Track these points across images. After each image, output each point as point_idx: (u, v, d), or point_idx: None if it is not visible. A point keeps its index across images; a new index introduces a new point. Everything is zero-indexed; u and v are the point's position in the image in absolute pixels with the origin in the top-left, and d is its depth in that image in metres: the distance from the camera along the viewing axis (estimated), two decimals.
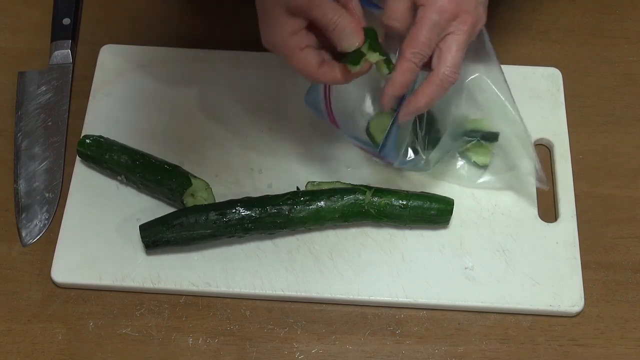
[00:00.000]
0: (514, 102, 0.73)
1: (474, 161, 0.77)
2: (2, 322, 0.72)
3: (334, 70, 0.65)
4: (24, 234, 0.76)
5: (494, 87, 0.73)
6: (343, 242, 0.75)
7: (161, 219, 0.72)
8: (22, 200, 0.78)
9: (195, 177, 0.75)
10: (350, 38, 0.63)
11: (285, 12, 0.63)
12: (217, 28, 0.89)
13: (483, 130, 0.76)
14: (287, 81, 0.84)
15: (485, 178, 0.77)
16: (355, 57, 0.63)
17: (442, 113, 0.76)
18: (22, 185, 0.78)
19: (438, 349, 0.71)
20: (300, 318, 0.72)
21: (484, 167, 0.77)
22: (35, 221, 0.77)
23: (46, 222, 0.77)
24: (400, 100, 0.67)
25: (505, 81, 0.73)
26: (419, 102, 0.65)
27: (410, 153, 0.74)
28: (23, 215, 0.77)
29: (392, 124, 0.69)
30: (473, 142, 0.76)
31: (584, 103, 0.84)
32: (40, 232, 0.76)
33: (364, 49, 0.63)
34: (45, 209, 0.77)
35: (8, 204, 0.78)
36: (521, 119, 0.73)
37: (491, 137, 0.76)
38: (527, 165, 0.75)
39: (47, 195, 0.78)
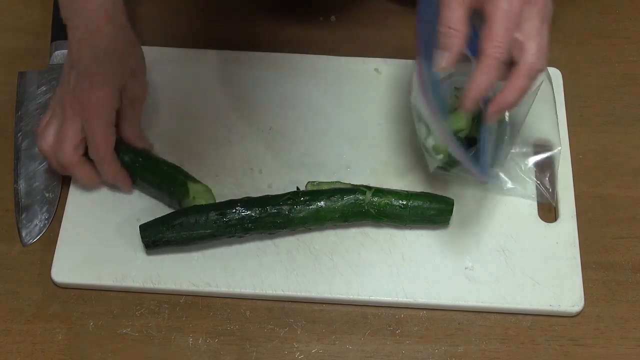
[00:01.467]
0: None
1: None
2: (2, 322, 0.72)
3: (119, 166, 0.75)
4: (24, 234, 0.76)
5: (552, 91, 0.75)
6: (343, 242, 0.75)
7: (161, 219, 0.72)
8: (22, 200, 0.78)
9: (194, 181, 0.75)
10: (142, 139, 0.77)
11: (120, 91, 0.72)
12: (217, 28, 0.89)
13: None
14: (287, 81, 0.84)
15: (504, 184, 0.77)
16: None
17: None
18: (22, 185, 0.78)
19: (438, 349, 0.71)
20: (300, 318, 0.72)
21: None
22: (35, 221, 0.77)
23: (46, 222, 0.77)
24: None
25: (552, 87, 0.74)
26: (508, 97, 0.62)
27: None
28: (23, 215, 0.77)
29: (482, 133, 0.65)
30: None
31: (584, 103, 0.84)
32: (40, 232, 0.76)
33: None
34: (45, 209, 0.77)
35: (8, 204, 0.78)
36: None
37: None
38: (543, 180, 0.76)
39: (47, 195, 0.78)
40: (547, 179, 0.77)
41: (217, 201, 0.74)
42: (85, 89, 0.70)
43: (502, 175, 0.76)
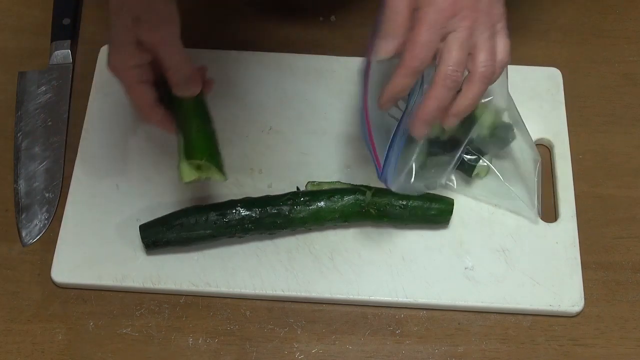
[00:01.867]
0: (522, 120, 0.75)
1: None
2: (2, 322, 0.72)
3: (163, 115, 0.69)
4: (24, 234, 0.76)
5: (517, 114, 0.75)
6: (343, 242, 0.75)
7: (161, 220, 0.72)
8: (22, 200, 0.78)
9: (193, 157, 0.70)
10: (187, 84, 0.67)
11: (134, 44, 0.65)
12: (217, 28, 0.89)
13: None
14: (287, 81, 0.84)
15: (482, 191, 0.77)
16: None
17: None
18: (22, 185, 0.78)
19: (438, 349, 0.71)
20: (300, 318, 0.72)
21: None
22: (35, 221, 0.77)
23: (46, 222, 0.77)
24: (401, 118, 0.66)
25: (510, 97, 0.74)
26: (429, 107, 0.62)
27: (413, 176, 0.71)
28: (23, 215, 0.77)
29: (392, 141, 0.65)
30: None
31: (584, 103, 0.84)
32: (40, 232, 0.76)
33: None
34: (45, 209, 0.77)
35: (8, 204, 0.78)
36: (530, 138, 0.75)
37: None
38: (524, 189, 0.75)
39: (47, 195, 0.78)
40: (533, 192, 0.76)
41: (217, 201, 0.74)
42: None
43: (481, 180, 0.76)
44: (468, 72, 0.63)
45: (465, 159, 0.75)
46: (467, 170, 0.76)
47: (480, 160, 0.75)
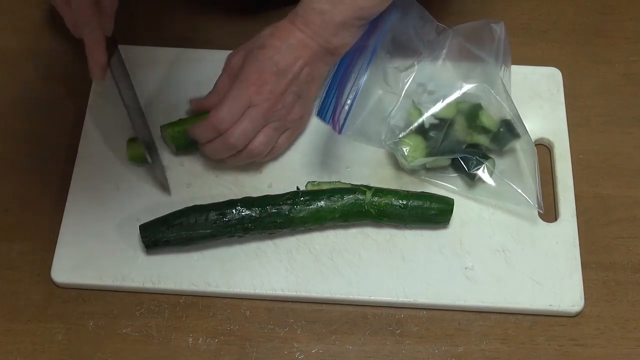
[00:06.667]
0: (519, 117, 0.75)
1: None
2: (2, 322, 0.72)
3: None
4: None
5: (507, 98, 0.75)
6: (343, 242, 0.75)
7: (161, 219, 0.72)
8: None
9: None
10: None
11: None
12: (217, 28, 0.89)
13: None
14: None
15: (483, 188, 0.77)
16: None
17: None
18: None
19: (438, 349, 0.71)
20: (300, 318, 0.72)
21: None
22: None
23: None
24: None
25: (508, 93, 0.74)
26: (208, 148, 0.75)
27: (384, 134, 0.73)
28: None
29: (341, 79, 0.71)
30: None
31: (584, 103, 0.84)
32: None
33: None
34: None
35: (8, 203, 0.78)
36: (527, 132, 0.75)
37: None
38: (528, 184, 0.75)
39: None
40: (534, 187, 0.75)
41: (217, 201, 0.74)
42: None
43: (482, 174, 0.75)
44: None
45: (468, 163, 0.75)
46: (469, 175, 0.75)
47: (482, 165, 0.74)
